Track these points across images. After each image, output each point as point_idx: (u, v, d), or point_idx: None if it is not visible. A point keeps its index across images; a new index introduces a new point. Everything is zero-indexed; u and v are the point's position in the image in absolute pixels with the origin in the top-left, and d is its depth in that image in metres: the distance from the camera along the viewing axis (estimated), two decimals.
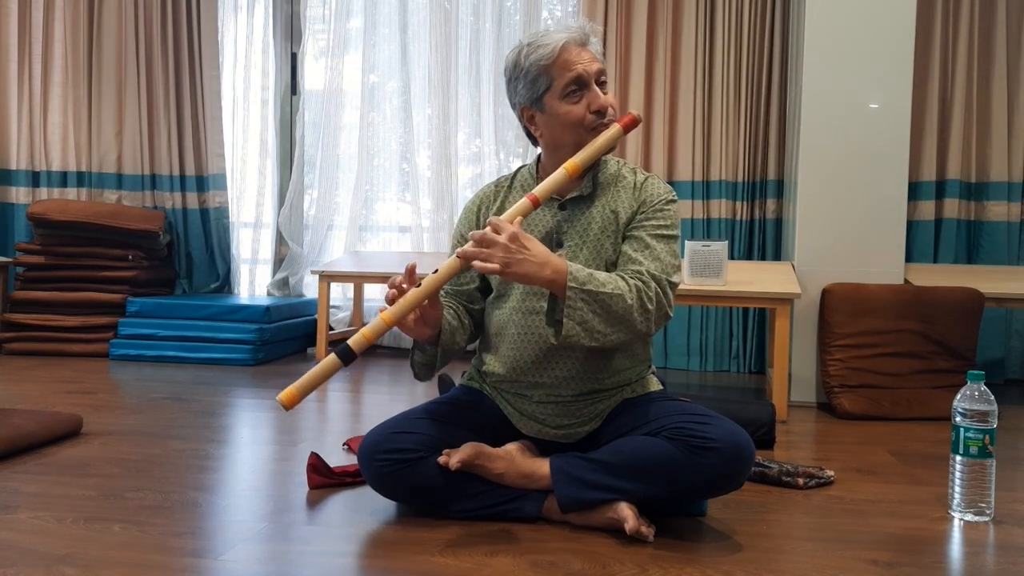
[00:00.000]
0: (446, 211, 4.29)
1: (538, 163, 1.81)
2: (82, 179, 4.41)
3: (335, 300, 4.34)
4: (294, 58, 4.55)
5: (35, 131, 4.39)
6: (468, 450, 1.61)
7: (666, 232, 1.68)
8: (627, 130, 1.68)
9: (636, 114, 1.69)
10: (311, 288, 4.48)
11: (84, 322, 3.95)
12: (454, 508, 1.65)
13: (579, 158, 1.64)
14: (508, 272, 1.53)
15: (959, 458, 1.73)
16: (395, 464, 1.63)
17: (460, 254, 1.54)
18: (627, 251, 1.67)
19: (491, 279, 1.77)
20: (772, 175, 3.86)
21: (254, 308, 3.87)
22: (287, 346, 4.08)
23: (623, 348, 1.69)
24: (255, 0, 4.44)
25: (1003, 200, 3.65)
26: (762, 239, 3.89)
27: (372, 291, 4.42)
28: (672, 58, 3.93)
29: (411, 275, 1.57)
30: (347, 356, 1.51)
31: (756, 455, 1.65)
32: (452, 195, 4.30)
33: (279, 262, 4.54)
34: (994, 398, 1.71)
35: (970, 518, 1.73)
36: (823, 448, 2.46)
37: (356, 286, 4.31)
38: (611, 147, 1.69)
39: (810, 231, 3.12)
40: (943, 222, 3.69)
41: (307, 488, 1.88)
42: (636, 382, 1.75)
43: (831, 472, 2.04)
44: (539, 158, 1.82)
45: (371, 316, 4.35)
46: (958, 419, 1.72)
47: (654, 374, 1.82)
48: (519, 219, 1.57)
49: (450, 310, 1.75)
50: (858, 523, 1.72)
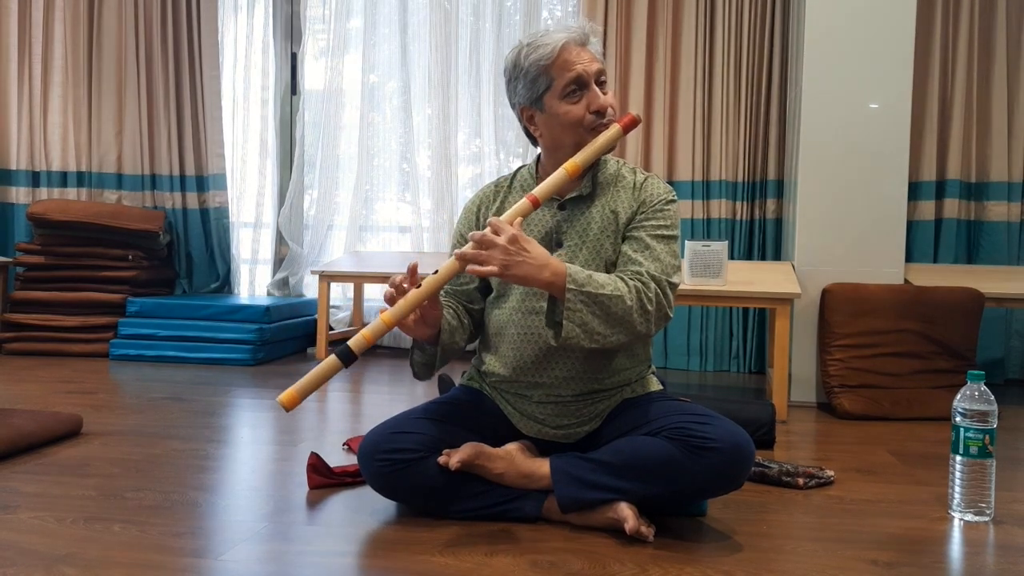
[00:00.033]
0: (446, 211, 4.29)
1: (537, 163, 1.81)
2: (82, 179, 4.41)
3: (335, 300, 4.34)
4: (294, 58, 4.55)
5: (35, 131, 4.40)
6: (468, 450, 1.61)
7: (666, 232, 1.68)
8: (627, 130, 1.67)
9: (636, 114, 1.68)
10: (311, 288, 4.48)
11: (84, 322, 3.95)
12: (454, 508, 1.65)
13: (579, 158, 1.64)
14: (507, 274, 1.53)
15: (959, 458, 1.73)
16: (395, 464, 1.63)
17: (459, 255, 1.54)
18: (627, 251, 1.67)
19: (491, 279, 1.77)
20: (772, 175, 3.86)
21: (254, 308, 3.87)
22: (287, 346, 4.08)
23: (623, 348, 1.69)
24: (255, 0, 4.44)
25: (1003, 200, 3.65)
26: (762, 239, 3.89)
27: (372, 291, 4.42)
28: (672, 58, 3.93)
29: (413, 274, 1.57)
30: (347, 357, 1.51)
31: (756, 455, 1.65)
32: (452, 195, 4.30)
33: (279, 262, 4.54)
34: (994, 398, 1.71)
35: (970, 518, 1.73)
36: (823, 448, 2.46)
37: (356, 286, 4.31)
38: (611, 147, 1.69)
39: (810, 231, 3.12)
40: (943, 222, 3.69)
41: (307, 488, 1.88)
42: (636, 382, 1.75)
43: (831, 472, 2.04)
44: (539, 158, 1.81)
45: (371, 316, 4.36)
46: (958, 419, 1.72)
47: (654, 374, 1.82)
48: (519, 220, 1.57)
49: (450, 310, 1.75)
50: (858, 523, 1.72)
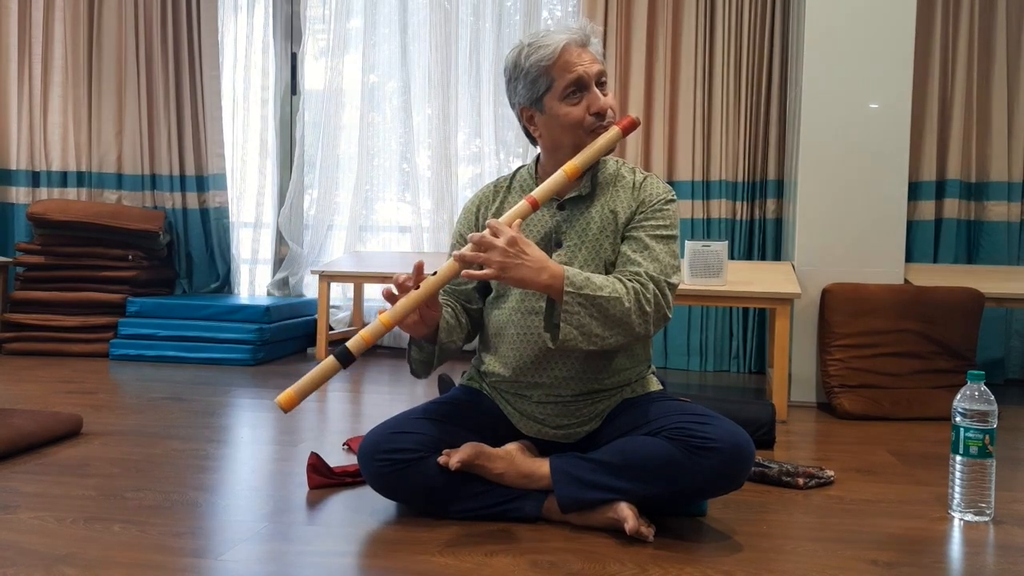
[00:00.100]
0: (446, 211, 4.29)
1: (537, 163, 1.81)
2: (82, 179, 4.41)
3: (335, 300, 4.34)
4: (294, 58, 4.55)
5: (35, 131, 4.39)
6: (468, 450, 1.61)
7: (665, 232, 1.68)
8: (626, 132, 1.68)
9: (635, 117, 1.68)
10: (311, 288, 4.48)
11: (84, 322, 3.95)
12: (454, 508, 1.65)
13: (578, 160, 1.64)
14: (505, 276, 1.53)
15: (959, 458, 1.73)
16: (395, 464, 1.63)
17: (458, 257, 1.54)
18: (626, 252, 1.67)
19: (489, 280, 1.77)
20: (772, 175, 3.86)
21: (254, 308, 3.87)
22: (287, 346, 4.08)
23: (622, 349, 1.69)
24: (255, 0, 4.44)
25: (1003, 200, 3.65)
26: (762, 239, 3.89)
27: (372, 291, 4.42)
28: (672, 58, 3.93)
29: (419, 273, 1.56)
30: (345, 358, 1.51)
31: (756, 455, 1.65)
32: (452, 195, 4.30)
33: (279, 262, 4.54)
34: (994, 398, 1.71)
35: (970, 518, 1.73)
36: (823, 448, 2.46)
37: (356, 286, 4.31)
38: (610, 149, 1.69)
39: (810, 231, 3.12)
40: (943, 222, 3.68)
41: (307, 488, 1.88)
42: (636, 382, 1.75)
43: (831, 472, 2.04)
44: (538, 158, 1.81)
45: (371, 316, 4.36)
46: (958, 419, 1.72)
47: (654, 374, 1.82)
48: (518, 222, 1.57)
49: (448, 309, 1.75)
50: (858, 523, 1.72)
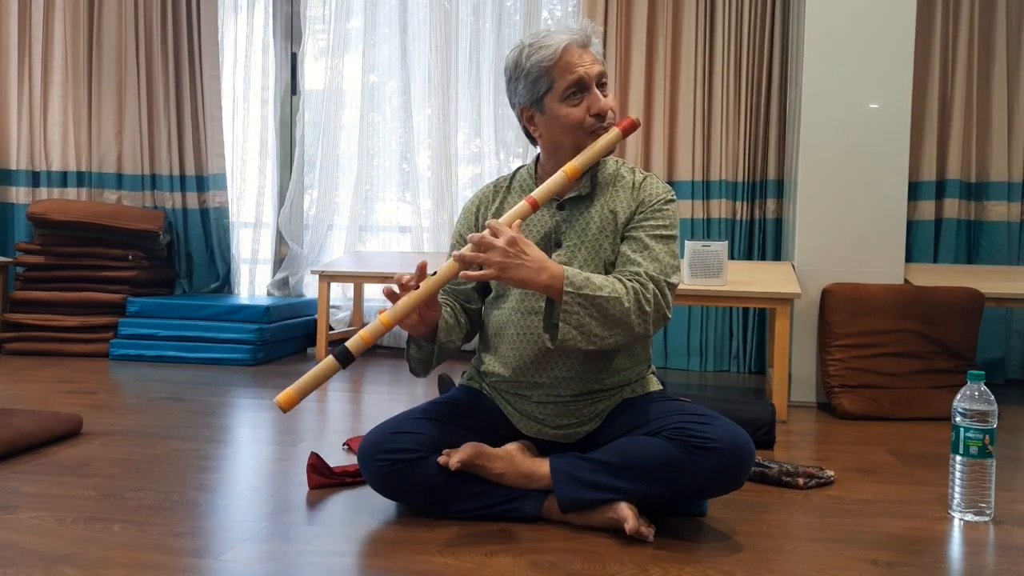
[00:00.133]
0: (446, 211, 4.29)
1: (536, 163, 1.81)
2: (82, 179, 4.41)
3: (335, 300, 4.34)
4: (294, 58, 4.55)
5: (35, 131, 4.39)
6: (468, 450, 1.61)
7: (665, 232, 1.68)
8: (626, 134, 1.68)
9: (635, 118, 1.68)
10: (311, 288, 4.48)
11: (84, 322, 3.95)
12: (454, 508, 1.65)
13: (578, 161, 1.64)
14: (504, 277, 1.53)
15: (959, 458, 1.73)
16: (395, 464, 1.63)
17: (458, 257, 1.54)
18: (625, 252, 1.67)
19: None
20: (772, 175, 3.86)
21: (254, 308, 3.87)
22: (287, 346, 4.08)
23: (622, 348, 1.69)
24: (255, 0, 4.44)
25: (1003, 200, 3.65)
26: (762, 239, 3.88)
27: (372, 291, 4.42)
28: (672, 58, 3.93)
29: (422, 273, 1.56)
30: (345, 358, 1.51)
31: (756, 455, 1.65)
32: (452, 195, 4.30)
33: (279, 262, 4.54)
34: (994, 398, 1.71)
35: (970, 518, 1.73)
36: (823, 448, 2.46)
37: (356, 286, 4.31)
38: (610, 150, 1.69)
39: (810, 231, 3.12)
40: (943, 222, 3.68)
41: (307, 488, 1.88)
42: (636, 382, 1.75)
43: (831, 472, 2.04)
44: (538, 158, 1.81)
45: (371, 316, 4.35)
46: (958, 419, 1.72)
47: (654, 374, 1.82)
48: (517, 222, 1.57)
49: (447, 309, 1.75)
50: (858, 523, 1.72)
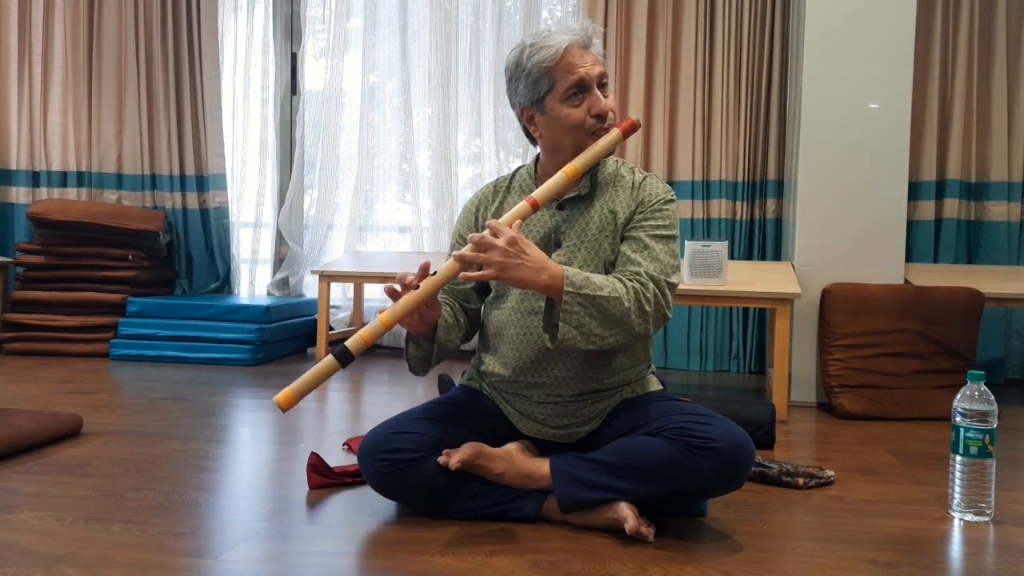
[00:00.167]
0: (446, 211, 4.29)
1: (536, 163, 1.81)
2: (82, 179, 4.41)
3: (335, 300, 4.34)
4: (294, 58, 4.55)
5: (35, 131, 4.39)
6: (468, 450, 1.61)
7: (664, 232, 1.68)
8: (627, 135, 1.68)
9: (636, 119, 1.68)
10: (311, 288, 4.48)
11: (84, 322, 3.95)
12: (454, 508, 1.65)
13: (579, 162, 1.64)
14: (504, 277, 1.53)
15: (959, 458, 1.73)
16: (395, 464, 1.63)
17: (458, 257, 1.54)
18: (625, 252, 1.67)
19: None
20: (772, 175, 3.86)
21: (254, 308, 3.87)
22: (287, 346, 4.08)
23: (622, 348, 1.69)
24: (255, 0, 4.44)
25: (1003, 200, 3.65)
26: (762, 239, 3.88)
27: (372, 291, 4.42)
28: (672, 58, 3.93)
29: (424, 273, 1.56)
30: (344, 358, 1.51)
31: (756, 455, 1.65)
32: (452, 195, 4.30)
33: (279, 262, 4.54)
34: (994, 398, 1.71)
35: (970, 518, 1.73)
36: (823, 448, 2.46)
37: (356, 286, 4.31)
38: (611, 151, 1.69)
39: (810, 231, 3.12)
40: (943, 222, 3.68)
41: (307, 488, 1.88)
42: (636, 382, 1.75)
43: (831, 472, 2.04)
44: (537, 158, 1.81)
45: (371, 316, 4.35)
46: (958, 419, 1.72)
47: (654, 374, 1.82)
48: (518, 222, 1.57)
49: (447, 308, 1.75)
50: (858, 523, 1.72)
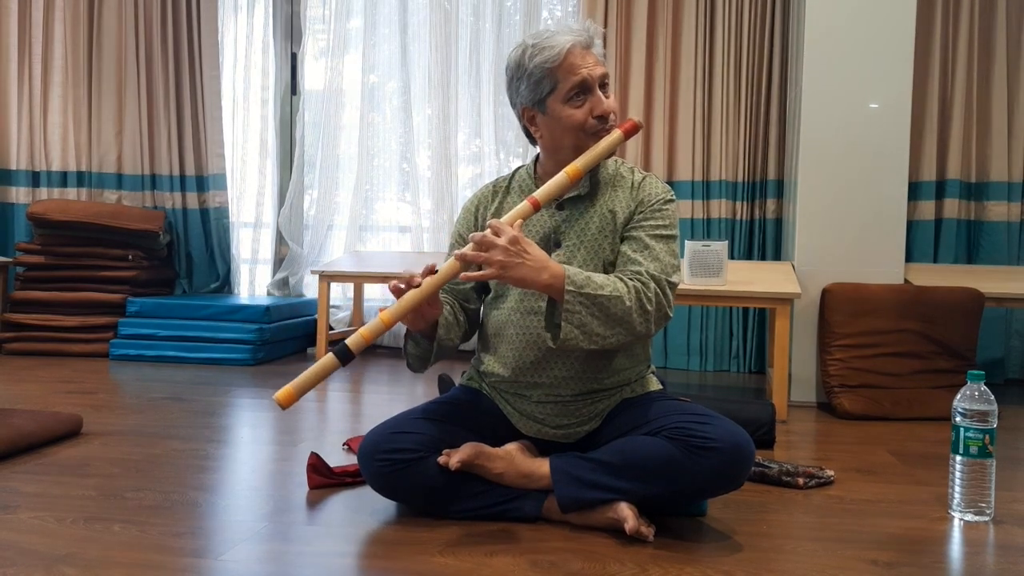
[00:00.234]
0: (446, 211, 4.29)
1: (536, 164, 1.81)
2: (82, 179, 4.41)
3: (335, 300, 4.33)
4: (294, 58, 4.55)
5: (35, 131, 4.39)
6: (468, 450, 1.61)
7: (665, 232, 1.68)
8: (628, 136, 1.68)
9: (637, 120, 1.69)
10: (311, 288, 4.48)
11: (84, 322, 3.95)
12: (454, 508, 1.65)
13: (580, 162, 1.64)
14: (506, 276, 1.53)
15: (959, 458, 1.73)
16: (395, 464, 1.63)
17: (459, 256, 1.54)
18: (626, 251, 1.67)
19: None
20: (772, 175, 3.86)
21: (254, 308, 3.87)
22: (287, 346, 4.08)
23: (623, 348, 1.69)
24: (255, 0, 4.44)
25: (1003, 200, 3.65)
26: (762, 239, 3.88)
27: (372, 291, 4.42)
28: (672, 58, 3.93)
29: (429, 274, 1.56)
30: (345, 356, 1.51)
31: (756, 455, 1.65)
32: (452, 195, 4.30)
33: (279, 262, 4.54)
34: (994, 398, 1.71)
35: (970, 518, 1.73)
36: (823, 448, 2.46)
37: (356, 286, 4.31)
38: (612, 152, 1.69)
39: (810, 231, 3.12)
40: (943, 222, 3.68)
41: (307, 488, 1.88)
42: (636, 382, 1.75)
43: (831, 472, 2.04)
44: (537, 158, 1.81)
45: (371, 316, 4.35)
46: (958, 419, 1.72)
47: (653, 374, 1.82)
48: (519, 222, 1.57)
49: (447, 307, 1.75)
50: (858, 523, 1.72)
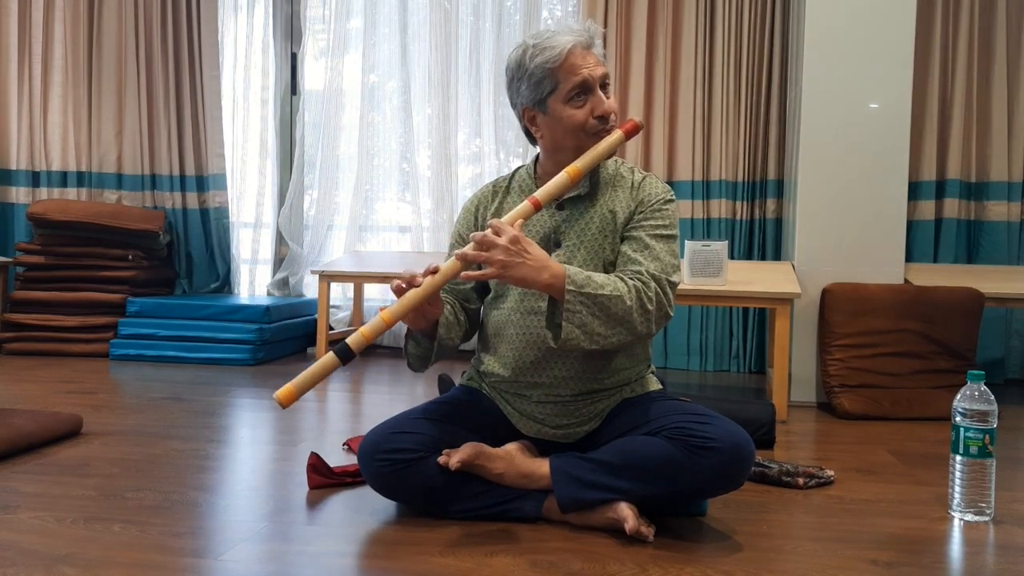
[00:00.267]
0: (446, 211, 4.29)
1: (536, 164, 1.81)
2: (82, 179, 4.41)
3: (335, 300, 4.33)
4: (294, 58, 4.55)
5: (35, 131, 4.39)
6: (468, 450, 1.61)
7: (665, 232, 1.68)
8: (629, 136, 1.68)
9: (638, 120, 1.69)
10: (311, 288, 4.48)
11: (84, 322, 3.94)
12: (454, 508, 1.65)
13: (581, 163, 1.64)
14: (507, 276, 1.53)
15: (959, 458, 1.73)
16: (395, 464, 1.63)
17: (460, 256, 1.54)
18: (626, 251, 1.67)
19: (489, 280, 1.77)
20: (772, 175, 3.86)
21: (254, 308, 3.87)
22: (287, 346, 4.08)
23: (624, 348, 1.69)
24: (255, 0, 4.44)
25: (1003, 200, 3.65)
26: (762, 239, 3.88)
27: (372, 291, 4.42)
28: (672, 58, 3.93)
29: (430, 274, 1.56)
30: (345, 355, 1.51)
31: (756, 455, 1.65)
32: (452, 195, 4.30)
33: (279, 262, 4.54)
34: (994, 398, 1.71)
35: (970, 518, 1.73)
36: (823, 448, 2.46)
37: (356, 286, 4.31)
38: (612, 152, 1.69)
39: (810, 231, 3.12)
40: (943, 222, 3.68)
41: (307, 488, 1.88)
42: (635, 382, 1.75)
43: (831, 472, 2.04)
44: (537, 158, 1.81)
45: (371, 316, 4.35)
46: (958, 419, 1.72)
47: (653, 374, 1.82)
48: (520, 222, 1.57)
49: (447, 306, 1.75)
50: (858, 523, 1.72)
